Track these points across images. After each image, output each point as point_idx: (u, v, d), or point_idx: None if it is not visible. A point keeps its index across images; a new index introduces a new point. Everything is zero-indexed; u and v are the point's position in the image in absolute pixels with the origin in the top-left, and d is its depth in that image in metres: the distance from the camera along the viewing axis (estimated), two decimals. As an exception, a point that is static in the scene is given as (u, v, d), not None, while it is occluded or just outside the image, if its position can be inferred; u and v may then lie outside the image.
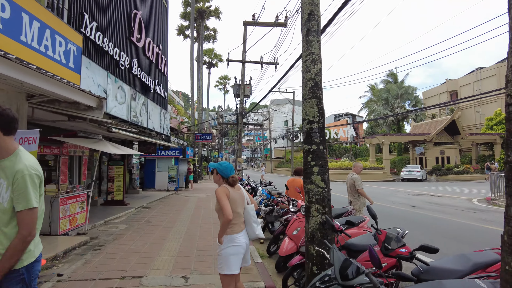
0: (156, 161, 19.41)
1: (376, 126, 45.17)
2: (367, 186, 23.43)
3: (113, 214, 9.83)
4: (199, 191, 18.95)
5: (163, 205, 12.42)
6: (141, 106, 12.23)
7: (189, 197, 15.25)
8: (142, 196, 15.06)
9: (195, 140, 24.06)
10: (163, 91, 15.79)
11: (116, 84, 9.86)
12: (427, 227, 8.62)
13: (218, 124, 22.41)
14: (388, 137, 33.33)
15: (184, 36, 35.26)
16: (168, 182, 17.70)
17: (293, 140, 38.20)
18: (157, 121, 14.50)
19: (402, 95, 41.29)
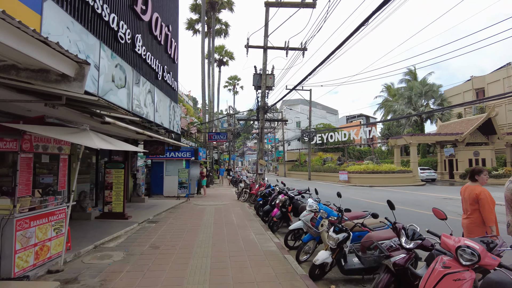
0: (165, 163, 17.02)
1: (398, 126, 42.26)
2: (396, 191, 20.75)
3: (109, 233, 7.38)
4: (214, 198, 16.47)
5: (174, 219, 9.94)
6: (147, 94, 9.82)
7: (204, 207, 12.76)
8: (148, 206, 12.62)
9: (208, 140, 21.63)
10: (173, 80, 13.40)
11: (113, 60, 7.45)
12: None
13: (233, 119, 19.83)
14: (416, 138, 30.53)
15: (193, 31, 33.05)
16: (179, 188, 15.27)
17: (310, 141, 35.56)
18: (166, 115, 12.09)
19: (427, 93, 38.42)
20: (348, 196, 17.31)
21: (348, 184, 27.57)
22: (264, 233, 7.73)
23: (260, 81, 15.20)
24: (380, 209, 12.20)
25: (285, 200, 8.08)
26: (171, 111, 12.69)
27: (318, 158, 43.10)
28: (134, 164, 14.16)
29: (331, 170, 33.16)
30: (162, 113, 11.48)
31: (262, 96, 14.76)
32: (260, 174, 14.76)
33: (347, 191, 20.67)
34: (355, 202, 14.47)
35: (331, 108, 69.34)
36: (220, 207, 12.71)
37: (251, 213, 11.03)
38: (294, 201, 8.62)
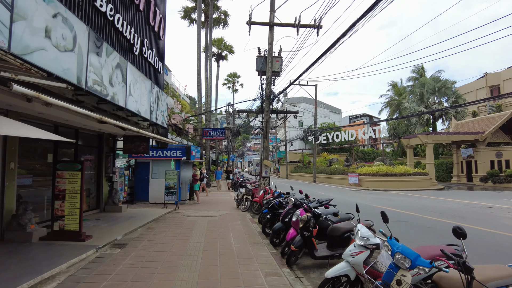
0: (151, 164, 14.39)
1: (408, 125, 39.65)
2: (418, 196, 18.09)
3: (44, 270, 4.76)
4: (209, 205, 13.82)
5: (150, 241, 7.29)
6: (114, 70, 7.18)
7: (195, 219, 10.10)
8: (124, 217, 9.98)
9: (203, 136, 18.94)
10: (158, 61, 10.78)
11: (48, 6, 4.83)
12: None
13: (232, 116, 17.12)
14: (432, 137, 27.94)
15: (190, 21, 30.50)
16: (166, 194, 12.60)
17: (316, 141, 32.92)
18: (146, 102, 9.46)
19: (440, 90, 35.84)
20: (364, 203, 14.75)
21: (360, 188, 24.93)
22: (279, 271, 5.09)
23: (264, 65, 12.58)
24: (425, 223, 9.59)
25: (308, 219, 5.44)
26: (154, 98, 10.06)
27: (322, 159, 40.48)
28: (109, 164, 11.51)
29: (338, 172, 30.52)
30: (139, 99, 8.84)
31: (267, 82, 12.14)
32: (265, 177, 12.12)
33: (361, 197, 18.04)
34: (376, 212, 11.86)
35: (334, 107, 66.78)
36: (215, 219, 10.06)
37: (255, 230, 8.39)
38: (320, 219, 5.99)
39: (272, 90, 12.28)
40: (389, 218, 3.85)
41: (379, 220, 3.95)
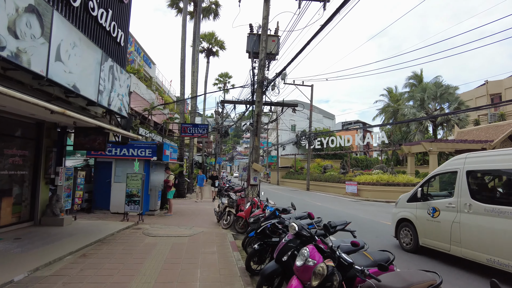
0: (114, 164, 11.69)
1: (407, 132, 37.64)
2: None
3: None
4: (182, 217, 11.17)
5: (67, 284, 4.63)
6: (22, 13, 4.57)
7: (156, 241, 7.43)
8: (61, 235, 7.27)
9: (181, 134, 16.22)
10: (116, 27, 8.17)
11: None
12: None
13: (221, 102, 14.49)
14: (437, 144, 25.81)
15: (178, 10, 27.79)
16: (126, 203, 9.91)
17: (310, 145, 30.46)
18: (92, 78, 6.84)
19: (442, 96, 33.90)
20: (369, 218, 12.39)
21: (359, 198, 22.52)
22: None
23: (257, 44, 10.07)
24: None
25: (329, 273, 2.89)
26: (106, 75, 7.43)
27: (316, 165, 38.11)
28: (51, 163, 8.78)
29: (334, 179, 28.11)
30: (79, 70, 6.22)
31: (260, 66, 9.60)
32: (253, 185, 9.50)
33: (363, 209, 15.60)
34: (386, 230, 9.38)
35: (328, 112, 64.81)
36: (183, 241, 7.41)
37: (236, 266, 5.78)
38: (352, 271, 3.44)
39: (265, 76, 9.75)
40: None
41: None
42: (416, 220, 7.43)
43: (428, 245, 7.01)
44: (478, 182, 6.56)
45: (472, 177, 6.38)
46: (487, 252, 5.65)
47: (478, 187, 6.46)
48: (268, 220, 5.48)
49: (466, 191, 6.25)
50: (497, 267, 5.48)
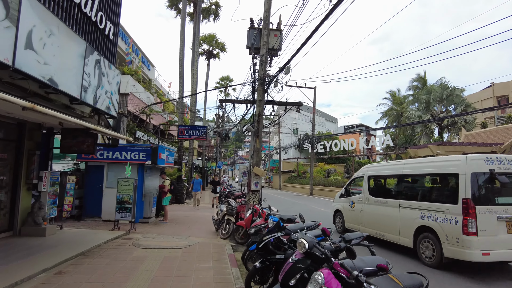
0: (106, 168, 10.96)
1: (412, 135, 36.80)
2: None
3: None
4: (179, 225, 10.40)
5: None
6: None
7: (146, 254, 6.66)
8: (41, 247, 6.52)
9: (179, 136, 15.46)
10: (103, 18, 7.47)
11: None
12: None
13: (220, 101, 13.75)
14: (445, 147, 24.68)
15: (177, 11, 27.23)
16: (117, 210, 9.16)
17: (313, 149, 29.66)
18: (75, 72, 6.13)
19: (448, 98, 33.12)
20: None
21: (364, 203, 21.62)
22: None
23: (258, 39, 9.36)
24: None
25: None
26: (91, 69, 6.71)
27: (319, 169, 37.24)
28: (33, 167, 8.05)
29: (338, 184, 27.25)
30: (58, 63, 5.50)
31: (262, 62, 8.87)
32: (254, 191, 8.72)
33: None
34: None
35: (330, 115, 64.04)
36: (176, 255, 6.63)
37: (234, 286, 5.00)
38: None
39: (267, 72, 9.02)
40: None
41: None
42: (343, 210, 10.31)
43: (350, 228, 9.73)
44: (373, 183, 9.27)
45: (370, 180, 9.24)
46: (376, 229, 8.48)
47: (373, 186, 9.20)
48: (271, 233, 4.70)
49: (367, 189, 9.17)
50: (381, 238, 8.27)
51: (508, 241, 6.05)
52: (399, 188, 8.41)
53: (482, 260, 5.91)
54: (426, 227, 6.84)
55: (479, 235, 5.92)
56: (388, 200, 8.20)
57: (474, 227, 5.93)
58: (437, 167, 7.35)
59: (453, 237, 6.17)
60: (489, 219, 6.05)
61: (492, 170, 6.33)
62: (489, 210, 6.11)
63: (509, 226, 6.14)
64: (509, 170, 6.50)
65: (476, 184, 6.25)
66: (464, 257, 5.95)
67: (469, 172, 6.29)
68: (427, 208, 6.94)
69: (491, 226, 6.04)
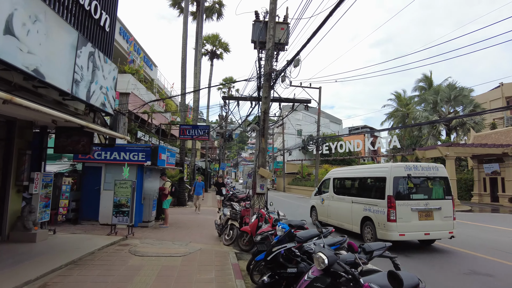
0: (104, 170, 10.46)
1: (419, 136, 36.06)
2: (461, 223, 14.31)
3: None
4: (180, 230, 9.86)
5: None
6: None
7: (143, 263, 6.11)
8: (28, 255, 5.99)
9: (180, 136, 14.94)
10: (98, 8, 6.95)
11: None
12: None
13: (223, 98, 13.17)
14: (454, 149, 24.23)
15: (180, 10, 26.79)
16: (114, 214, 8.62)
17: (318, 150, 29.07)
18: (64, 64, 5.61)
19: (456, 98, 32.38)
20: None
21: (372, 206, 21.00)
22: None
23: (264, 33, 8.82)
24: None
25: None
26: (84, 62, 6.19)
27: (324, 171, 36.54)
28: (24, 167, 7.54)
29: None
30: (44, 53, 4.99)
31: (268, 56, 8.32)
32: (260, 194, 8.16)
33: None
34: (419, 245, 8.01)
35: (335, 117, 63.38)
36: (175, 264, 6.07)
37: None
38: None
39: (274, 67, 8.47)
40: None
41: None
42: (316, 206, 12.51)
43: (321, 220, 11.65)
44: (336, 184, 11.45)
45: (334, 181, 11.53)
46: (338, 220, 10.56)
47: (337, 186, 11.39)
48: (281, 243, 4.14)
49: (332, 188, 11.41)
50: (341, 227, 10.20)
51: (418, 225, 8.14)
52: (352, 187, 10.77)
53: (399, 239, 7.97)
54: (368, 217, 8.95)
55: (398, 222, 8.01)
56: (345, 197, 10.47)
57: (394, 216, 8.03)
58: (374, 172, 9.60)
59: (382, 223, 8.29)
60: (405, 210, 8.14)
61: (409, 175, 8.45)
62: (405, 204, 8.19)
63: (420, 215, 8.22)
64: (421, 174, 8.61)
65: (397, 184, 8.33)
66: (388, 237, 7.90)
67: (392, 176, 8.38)
68: (368, 203, 9.06)
69: (406, 215, 8.12)
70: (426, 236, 8.22)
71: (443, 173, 8.86)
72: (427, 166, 8.85)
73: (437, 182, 8.73)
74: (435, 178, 8.73)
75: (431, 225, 8.21)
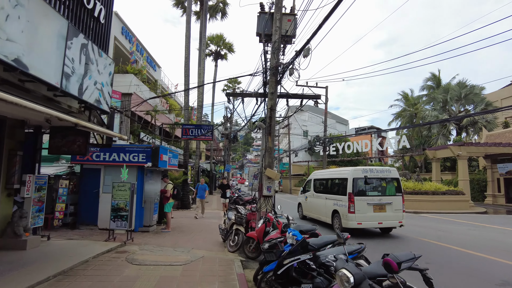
0: (103, 172, 9.97)
1: (428, 136, 35.17)
2: (462, 222, 13.81)
3: None
4: (182, 235, 9.33)
5: None
6: None
7: (140, 273, 5.58)
8: (15, 265, 5.49)
9: (182, 136, 14.42)
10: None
11: None
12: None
13: (227, 95, 12.62)
14: (466, 148, 23.44)
15: (183, 10, 26.41)
16: (112, 218, 8.12)
17: (325, 151, 28.39)
18: (53, 57, 5.12)
19: (467, 96, 31.51)
20: (405, 234, 10.32)
21: (382, 209, 20.30)
22: None
23: (269, 25, 8.28)
24: None
25: None
26: (75, 55, 5.70)
27: (330, 172, 35.87)
28: (15, 169, 7.07)
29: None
30: (27, 41, 4.50)
31: (274, 49, 7.78)
32: (266, 197, 7.59)
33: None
34: (449, 254, 7.34)
35: (341, 117, 62.58)
36: (174, 274, 5.53)
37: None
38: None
39: (280, 61, 7.92)
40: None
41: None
42: (302, 203, 14.56)
43: (306, 215, 14.01)
44: (316, 183, 13.41)
45: (315, 181, 13.52)
46: (317, 213, 12.65)
47: (316, 185, 13.32)
48: (294, 254, 3.57)
49: (312, 187, 13.45)
50: (319, 220, 12.23)
51: (373, 216, 9.99)
52: (326, 187, 12.52)
53: (357, 227, 9.91)
54: (336, 210, 10.88)
55: (356, 213, 9.86)
56: (321, 194, 12.47)
57: (353, 209, 9.90)
58: (341, 174, 11.44)
59: (345, 215, 10.18)
60: (362, 204, 9.96)
61: (366, 176, 10.32)
62: (362, 199, 10.03)
63: (374, 208, 10.05)
64: (376, 176, 10.48)
65: (356, 184, 10.20)
66: (348, 225, 9.91)
67: (352, 177, 10.29)
68: (336, 199, 10.98)
69: (363, 208, 9.94)
70: (380, 225, 10.11)
71: (395, 174, 10.80)
72: (381, 169, 10.75)
73: (390, 182, 10.52)
74: (388, 178, 10.51)
75: (384, 216, 10.05)
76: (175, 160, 11.70)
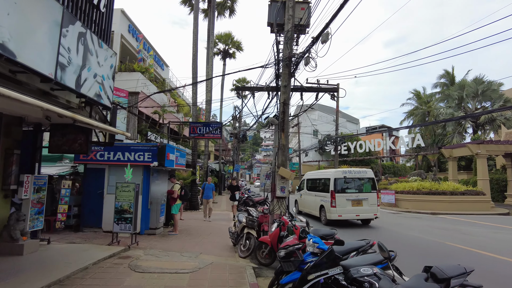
0: (107, 172, 9.52)
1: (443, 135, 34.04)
2: (485, 225, 13.05)
3: None
4: (190, 238, 8.82)
5: None
6: None
7: (143, 281, 5.07)
8: (7, 273, 5.03)
9: (190, 134, 13.93)
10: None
11: None
12: None
13: (237, 89, 12.06)
14: (486, 146, 22.46)
15: (191, 8, 25.99)
16: (116, 221, 7.65)
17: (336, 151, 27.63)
18: (45, 45, 4.65)
19: (484, 93, 30.36)
20: (428, 238, 9.59)
21: (398, 210, 19.52)
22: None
23: (281, 14, 7.71)
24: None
25: None
26: (73, 45, 5.22)
27: (342, 172, 35.06)
28: (12, 169, 6.65)
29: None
30: (15, 26, 4.03)
31: (287, 39, 7.20)
32: (280, 198, 7.02)
33: (410, 225, 12.81)
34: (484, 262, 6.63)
35: (352, 116, 61.54)
36: (180, 284, 4.99)
37: None
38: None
39: (294, 51, 7.35)
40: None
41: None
42: (298, 200, 16.53)
43: (301, 210, 15.71)
44: (309, 182, 15.24)
45: (307, 181, 15.43)
46: (309, 208, 14.49)
47: (308, 184, 15.23)
48: (319, 268, 2.99)
49: (306, 186, 15.32)
50: (310, 214, 14.08)
51: (351, 210, 11.83)
52: (315, 185, 14.30)
53: (337, 219, 11.73)
54: (322, 205, 12.66)
55: (337, 207, 11.70)
56: (312, 192, 14.31)
57: (334, 204, 11.72)
58: (325, 175, 13.34)
59: (328, 209, 11.97)
60: (342, 200, 11.77)
61: (345, 176, 12.23)
62: (342, 196, 11.83)
63: (352, 203, 11.86)
64: (354, 176, 12.38)
65: (337, 183, 12.06)
66: (331, 218, 11.80)
67: (334, 177, 12.17)
68: (322, 196, 12.80)
69: (342, 203, 11.75)
70: (357, 217, 12.11)
71: (370, 175, 12.71)
72: (358, 171, 12.77)
73: (366, 181, 12.43)
74: (364, 178, 12.44)
75: (361, 209, 11.92)
76: (182, 159, 11.21)
